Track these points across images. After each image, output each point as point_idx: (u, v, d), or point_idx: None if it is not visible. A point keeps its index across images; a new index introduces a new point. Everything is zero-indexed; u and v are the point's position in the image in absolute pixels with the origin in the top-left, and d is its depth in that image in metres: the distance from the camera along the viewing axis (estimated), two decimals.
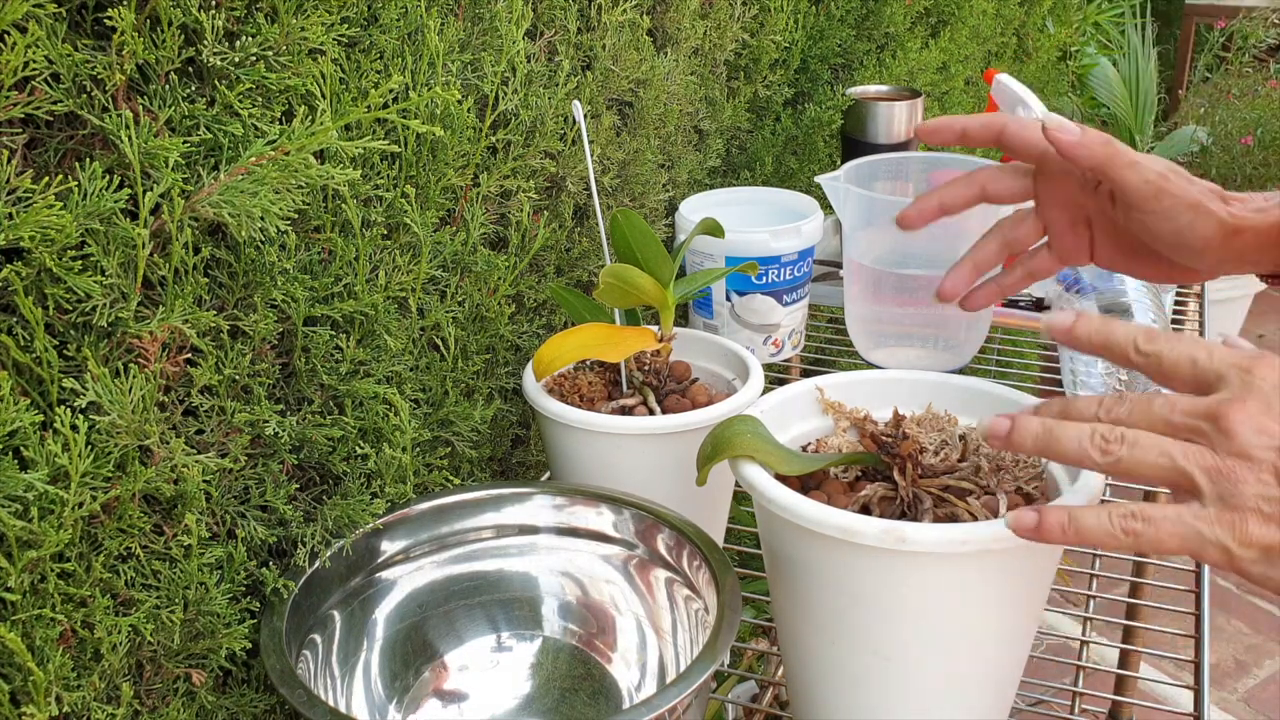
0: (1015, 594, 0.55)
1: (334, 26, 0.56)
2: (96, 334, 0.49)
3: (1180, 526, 0.43)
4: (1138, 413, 0.45)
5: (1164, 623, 0.89)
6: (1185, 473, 0.43)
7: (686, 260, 0.99)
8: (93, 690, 0.50)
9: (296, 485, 0.63)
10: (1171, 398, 0.45)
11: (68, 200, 0.45)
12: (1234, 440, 0.43)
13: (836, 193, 0.92)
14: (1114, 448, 0.44)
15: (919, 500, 0.58)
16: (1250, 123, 2.44)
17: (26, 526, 0.45)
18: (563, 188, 0.88)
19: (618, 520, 0.68)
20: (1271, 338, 2.84)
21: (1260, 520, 0.42)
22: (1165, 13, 3.49)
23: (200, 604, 0.55)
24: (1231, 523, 0.42)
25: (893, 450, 0.59)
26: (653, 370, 0.78)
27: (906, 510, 0.58)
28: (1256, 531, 0.42)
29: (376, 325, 0.66)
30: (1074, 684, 0.73)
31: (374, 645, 0.65)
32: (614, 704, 0.65)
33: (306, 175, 0.53)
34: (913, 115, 1.25)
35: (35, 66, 0.44)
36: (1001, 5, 1.91)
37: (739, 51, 1.14)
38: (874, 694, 0.58)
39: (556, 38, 0.84)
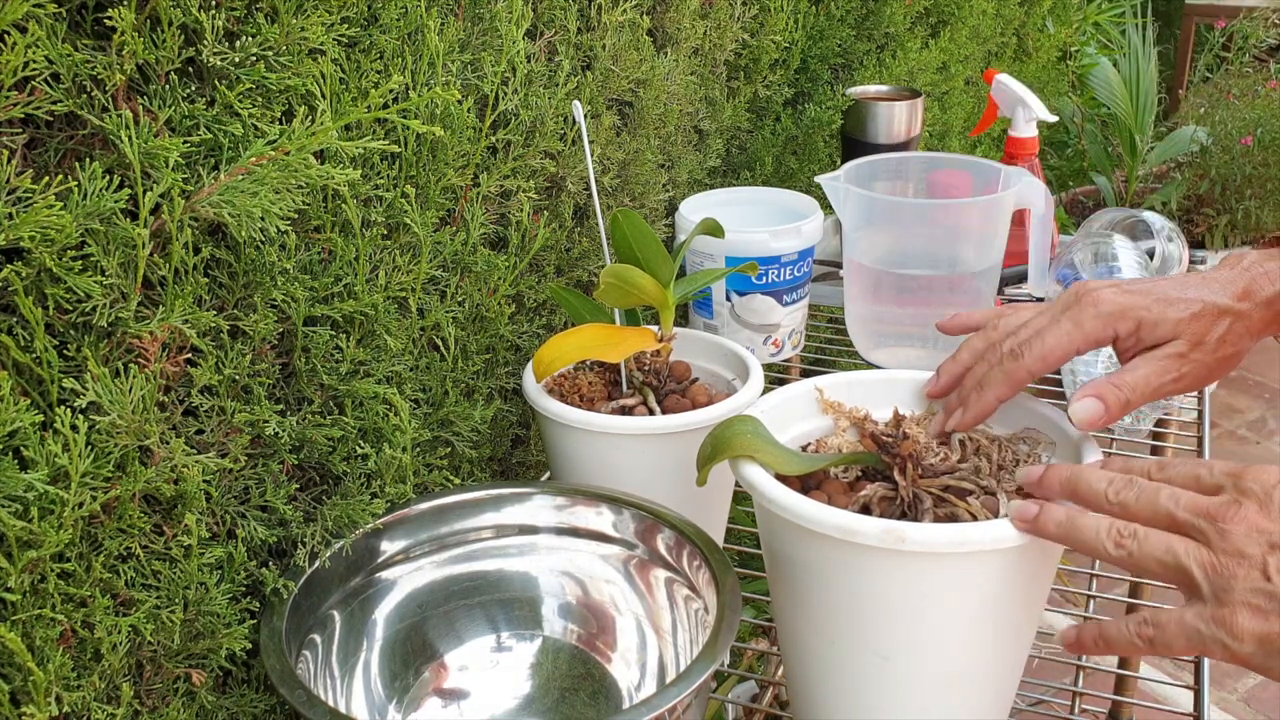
0: (1015, 594, 0.55)
1: (334, 26, 0.56)
2: (96, 334, 0.49)
3: (1183, 628, 0.47)
4: (1144, 501, 0.50)
5: None
6: (1186, 570, 0.47)
7: (686, 260, 0.99)
8: (93, 690, 0.50)
9: (296, 485, 0.63)
10: (1176, 492, 0.49)
11: (68, 200, 0.45)
12: (1229, 539, 0.46)
13: (836, 193, 0.92)
14: (1127, 543, 0.49)
15: (919, 500, 0.58)
16: (1250, 123, 2.44)
17: (26, 526, 0.45)
18: (563, 188, 0.88)
19: (618, 520, 0.68)
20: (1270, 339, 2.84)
21: (1250, 613, 0.45)
22: (1165, 13, 3.49)
23: (200, 604, 0.55)
24: (1224, 619, 0.45)
25: (893, 450, 0.59)
26: (653, 370, 0.78)
27: (907, 510, 0.58)
28: (1247, 624, 0.45)
29: (376, 325, 0.66)
30: (1074, 684, 0.73)
31: (374, 645, 0.65)
32: (614, 704, 0.65)
33: (306, 175, 0.53)
34: (913, 115, 1.25)
35: (35, 66, 0.44)
36: (1001, 5, 1.91)
37: (739, 51, 1.14)
38: (874, 694, 0.58)
39: (556, 38, 0.84)
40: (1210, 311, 0.58)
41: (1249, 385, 2.61)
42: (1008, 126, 1.18)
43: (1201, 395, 1.01)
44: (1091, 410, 0.58)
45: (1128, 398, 0.58)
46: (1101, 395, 0.58)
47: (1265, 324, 0.60)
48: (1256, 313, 0.59)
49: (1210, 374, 0.59)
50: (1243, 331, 0.59)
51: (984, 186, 0.96)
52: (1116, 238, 1.01)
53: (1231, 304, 0.59)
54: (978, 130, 1.34)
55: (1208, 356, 0.59)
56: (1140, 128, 2.51)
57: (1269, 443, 2.38)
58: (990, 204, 0.92)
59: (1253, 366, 2.69)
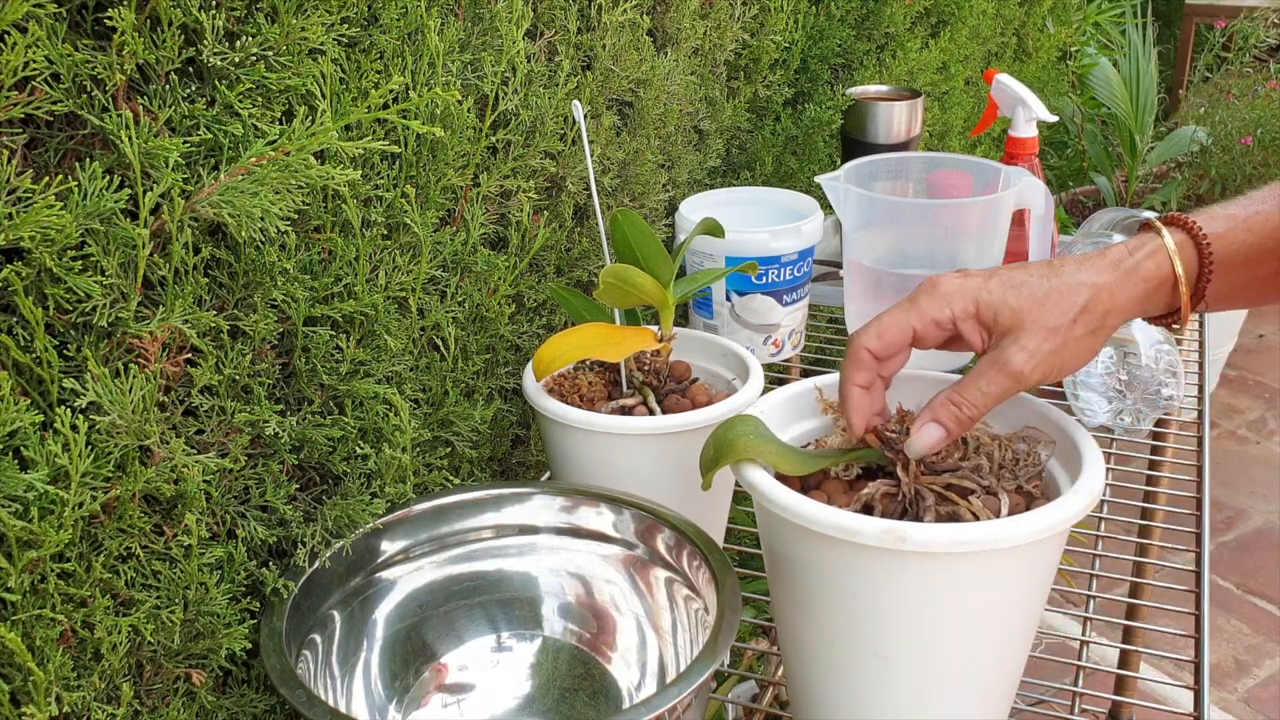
0: (1015, 594, 0.55)
1: (334, 26, 0.56)
2: (96, 334, 0.49)
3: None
4: None
5: (1164, 623, 0.89)
6: None
7: (686, 260, 0.99)
8: (93, 690, 0.50)
9: (296, 485, 0.63)
10: None
11: (68, 200, 0.45)
12: None
13: (836, 193, 0.92)
14: None
15: (921, 498, 0.58)
16: (1250, 123, 2.44)
17: (26, 526, 0.45)
18: (563, 188, 0.88)
19: (618, 520, 0.68)
20: (1272, 338, 2.84)
21: None
22: (1165, 13, 3.49)
23: (200, 604, 0.55)
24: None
25: (896, 446, 0.59)
26: (653, 370, 0.78)
27: (908, 508, 0.58)
28: None
29: (376, 325, 0.66)
30: (1074, 684, 0.73)
31: (374, 645, 0.65)
32: (614, 704, 0.65)
33: (306, 175, 0.53)
34: (913, 115, 1.25)
35: (35, 66, 0.44)
36: (1001, 5, 1.91)
37: (739, 51, 1.14)
38: (874, 694, 0.58)
39: (556, 38, 0.84)
40: (1059, 291, 0.56)
41: (1249, 385, 2.61)
42: (1008, 126, 1.18)
43: (1201, 395, 1.01)
44: (930, 438, 0.57)
45: (969, 415, 0.57)
46: (939, 419, 0.57)
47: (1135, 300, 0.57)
48: (1120, 285, 0.57)
49: (1070, 360, 0.57)
50: (1107, 307, 0.56)
51: (984, 186, 0.96)
52: (1116, 238, 1.01)
53: (1090, 277, 0.56)
54: (978, 130, 1.34)
55: (1059, 343, 0.56)
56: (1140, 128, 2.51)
57: (1269, 443, 2.38)
58: (990, 204, 0.92)
59: (1253, 366, 2.69)
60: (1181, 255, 0.57)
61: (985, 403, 0.57)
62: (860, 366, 0.59)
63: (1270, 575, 1.98)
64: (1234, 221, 0.58)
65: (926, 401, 0.59)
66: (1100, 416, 0.94)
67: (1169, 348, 0.95)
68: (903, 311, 0.58)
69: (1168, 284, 0.58)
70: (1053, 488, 0.60)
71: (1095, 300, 0.56)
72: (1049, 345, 0.56)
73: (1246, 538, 2.09)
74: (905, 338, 0.58)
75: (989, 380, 0.57)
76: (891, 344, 0.58)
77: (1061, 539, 0.56)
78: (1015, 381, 0.56)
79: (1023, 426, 0.63)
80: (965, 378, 0.58)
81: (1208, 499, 0.87)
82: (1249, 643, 1.84)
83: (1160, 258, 0.57)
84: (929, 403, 0.58)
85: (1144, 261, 0.57)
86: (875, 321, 0.59)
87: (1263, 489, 2.22)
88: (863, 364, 0.59)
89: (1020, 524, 0.52)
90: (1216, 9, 3.19)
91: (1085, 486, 0.55)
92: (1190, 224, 0.58)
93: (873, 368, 0.59)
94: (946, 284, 0.58)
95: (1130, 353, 0.96)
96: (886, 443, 0.60)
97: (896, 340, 0.58)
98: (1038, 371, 0.56)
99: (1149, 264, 0.57)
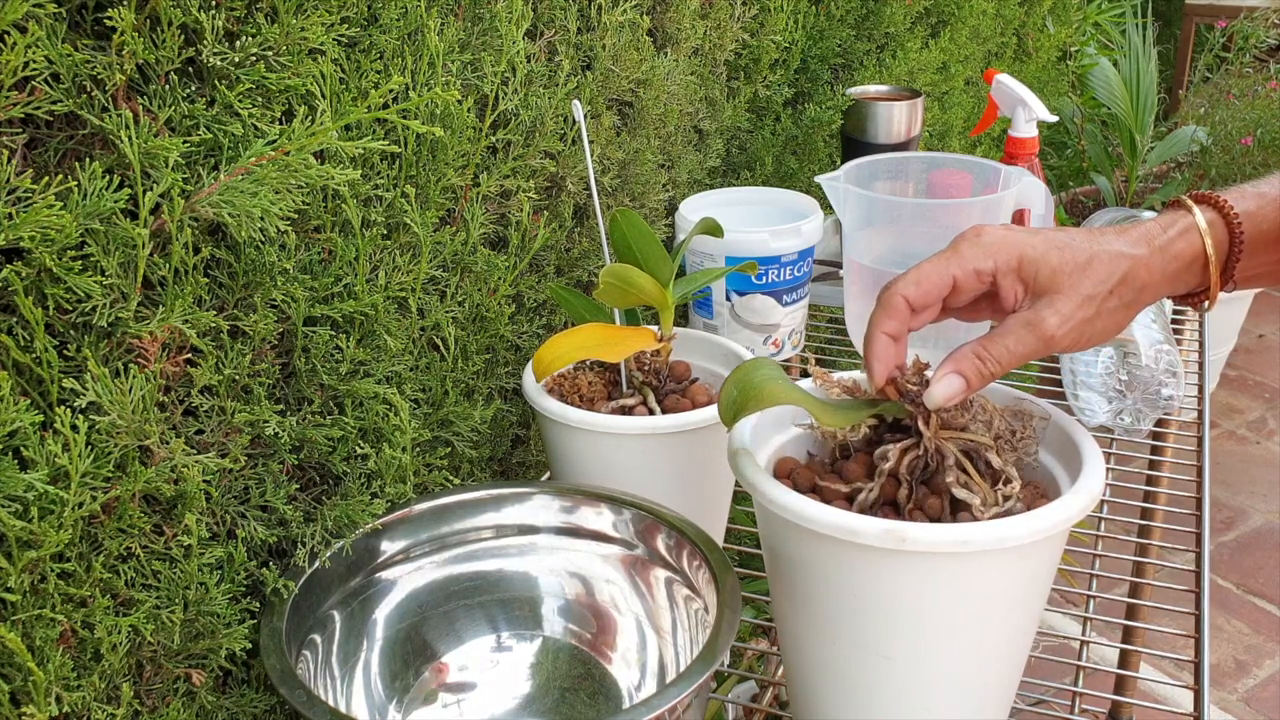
0: (1015, 594, 0.55)
1: (334, 26, 0.56)
2: (96, 334, 0.49)
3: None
4: None
5: (1164, 623, 0.89)
6: None
7: (686, 260, 0.99)
8: (93, 690, 0.50)
9: (296, 485, 0.63)
10: None
11: (68, 200, 0.45)
12: None
13: (836, 193, 0.92)
14: None
15: (943, 455, 0.56)
16: (1250, 123, 2.44)
17: (26, 526, 0.45)
18: (563, 188, 0.88)
19: (618, 520, 0.68)
20: (1271, 338, 2.84)
21: None
22: (1165, 13, 3.49)
23: (200, 604, 0.55)
24: None
25: (915, 399, 0.57)
26: (653, 370, 0.78)
27: (929, 462, 0.57)
28: None
29: (376, 325, 0.66)
30: (1074, 684, 0.73)
31: (374, 645, 0.65)
32: (614, 704, 0.65)
33: (306, 175, 0.53)
34: (913, 115, 1.25)
35: (35, 66, 0.44)
36: (1001, 5, 1.91)
37: (739, 51, 1.14)
38: (874, 694, 0.58)
39: (556, 38, 0.84)
40: (1102, 259, 0.55)
41: (1249, 385, 2.61)
42: (1008, 126, 1.18)
43: (1201, 395, 1.01)
44: (950, 389, 0.55)
45: (991, 370, 0.55)
46: (961, 370, 0.55)
47: (1167, 278, 0.57)
48: (1154, 260, 0.56)
49: (1101, 330, 0.56)
50: (1143, 282, 0.56)
51: (984, 186, 0.96)
52: None
53: (1126, 248, 0.56)
54: (978, 130, 1.34)
55: (1094, 311, 0.55)
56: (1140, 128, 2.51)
57: (1269, 443, 2.38)
58: (990, 204, 0.92)
59: (1253, 366, 2.69)
60: (1212, 234, 0.56)
61: (1010, 360, 0.55)
62: (892, 314, 0.57)
63: (1270, 575, 1.98)
64: (1264, 200, 0.57)
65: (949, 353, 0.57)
66: (1100, 416, 0.94)
67: (1169, 348, 0.95)
68: (944, 260, 0.56)
69: (1198, 262, 0.57)
70: (1053, 488, 0.60)
71: (1133, 273, 0.55)
72: (1083, 313, 0.55)
73: (1246, 538, 2.09)
74: (944, 287, 0.56)
75: (1018, 338, 0.55)
76: (929, 293, 0.56)
77: (1061, 539, 0.56)
78: (1044, 344, 0.55)
79: (1013, 399, 0.63)
80: (992, 332, 0.56)
81: (1208, 499, 0.87)
82: (1249, 643, 1.84)
83: (1192, 236, 0.57)
84: (952, 354, 0.56)
85: (1176, 239, 0.56)
86: (914, 270, 0.56)
87: (1263, 489, 2.22)
88: (896, 312, 0.57)
89: (1020, 524, 0.52)
90: (1216, 9, 3.19)
91: (1085, 486, 0.55)
92: (1221, 202, 0.57)
93: (905, 317, 0.57)
94: (991, 234, 0.56)
95: (1130, 353, 0.96)
96: (905, 395, 0.57)
97: (935, 289, 0.56)
98: (1068, 337, 0.55)
99: (1180, 242, 0.56)
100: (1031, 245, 0.55)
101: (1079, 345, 0.56)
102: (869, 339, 0.58)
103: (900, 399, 0.58)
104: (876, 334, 0.57)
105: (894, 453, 0.57)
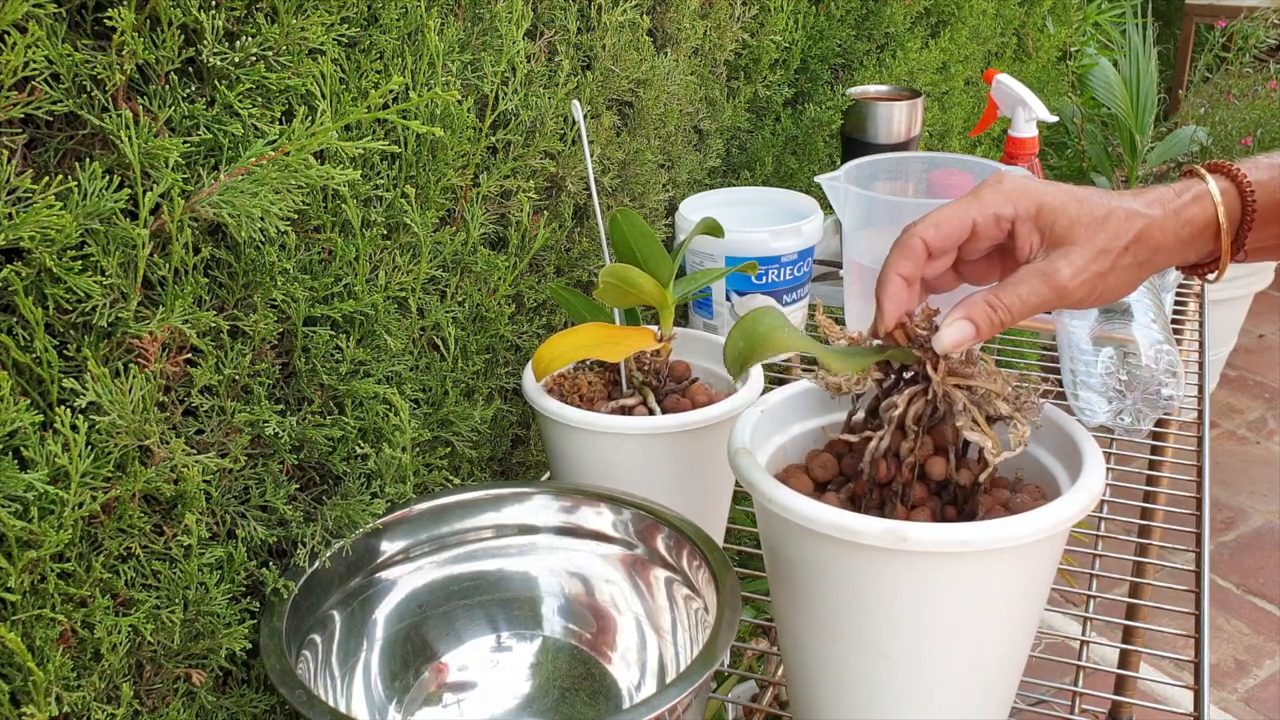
0: (1015, 594, 0.55)
1: (334, 26, 0.56)
2: (96, 334, 0.49)
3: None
4: None
5: (1164, 623, 0.89)
6: None
7: (686, 260, 0.99)
8: (93, 690, 0.50)
9: (296, 485, 0.63)
10: None
11: (68, 200, 0.45)
12: None
13: (836, 193, 0.93)
14: None
15: (951, 401, 0.56)
16: (1250, 123, 2.44)
17: (26, 526, 0.45)
18: (563, 188, 0.88)
19: (617, 520, 0.68)
20: (1271, 338, 2.84)
21: None
22: (1165, 13, 3.48)
23: (200, 604, 0.55)
24: None
25: (924, 344, 0.56)
26: (653, 370, 0.78)
27: (938, 408, 0.56)
28: None
29: (376, 325, 0.66)
30: (1074, 684, 0.73)
31: (374, 645, 0.65)
32: (614, 704, 0.65)
33: (306, 175, 0.53)
34: (913, 115, 1.25)
35: (35, 66, 0.44)
36: (1001, 5, 1.91)
37: (739, 51, 1.14)
38: (874, 694, 0.58)
39: (556, 38, 0.84)
40: (1118, 215, 0.55)
41: (1249, 385, 2.61)
42: (1008, 126, 1.18)
43: (1201, 395, 1.01)
44: (959, 334, 0.55)
45: (1002, 319, 0.55)
46: (972, 317, 0.55)
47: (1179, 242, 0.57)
48: (1168, 222, 0.56)
49: (1114, 287, 0.56)
50: (1157, 243, 0.56)
51: None
52: None
53: (1141, 208, 0.56)
54: (978, 130, 1.34)
55: (1108, 266, 0.55)
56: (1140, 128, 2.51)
57: (1269, 443, 2.38)
58: None
59: (1253, 366, 2.69)
60: (1225, 201, 0.56)
61: (1021, 310, 0.55)
62: (909, 256, 0.56)
63: (1270, 575, 1.98)
64: (1278, 170, 0.57)
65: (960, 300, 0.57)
66: (1100, 416, 0.94)
67: (1169, 348, 0.95)
68: (965, 204, 0.56)
69: (1210, 229, 0.57)
70: (1053, 488, 0.60)
71: (1148, 232, 0.55)
72: (1097, 266, 0.55)
73: (1246, 538, 2.09)
74: (963, 231, 0.56)
75: (1030, 288, 0.55)
76: (948, 236, 0.56)
77: (1061, 539, 0.56)
78: (1057, 295, 0.55)
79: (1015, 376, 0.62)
80: (1005, 281, 0.56)
81: (1208, 499, 0.87)
82: (1249, 643, 1.84)
83: (1205, 202, 0.57)
84: (963, 300, 0.56)
85: (1189, 204, 0.57)
86: (934, 213, 0.56)
87: (1263, 489, 2.22)
88: (913, 253, 0.56)
89: (1020, 524, 0.52)
90: (1216, 9, 3.19)
91: (1085, 486, 0.55)
92: (1235, 171, 0.57)
93: (921, 259, 0.57)
94: (1013, 181, 0.56)
95: (1130, 353, 0.96)
96: (914, 340, 0.57)
97: (954, 233, 0.56)
98: (1081, 290, 0.55)
99: (1194, 208, 0.56)
100: (1051, 195, 0.55)
101: (1090, 300, 0.56)
102: (883, 280, 0.57)
103: (909, 344, 0.57)
104: (891, 275, 0.57)
105: (902, 399, 0.56)
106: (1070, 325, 0.98)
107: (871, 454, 0.57)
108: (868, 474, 0.58)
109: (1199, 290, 1.23)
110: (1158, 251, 0.56)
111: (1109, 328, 0.96)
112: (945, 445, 0.57)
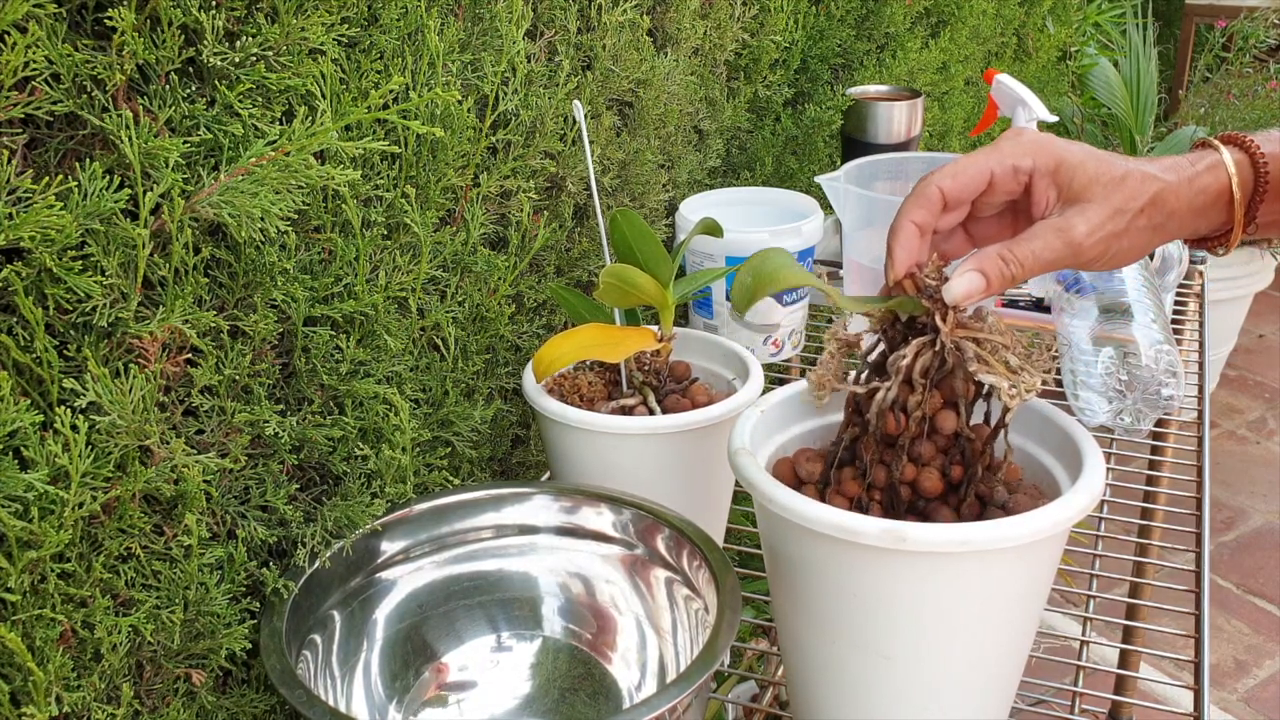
0: (1015, 594, 0.55)
1: (334, 26, 0.56)
2: (96, 334, 0.49)
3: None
4: None
5: (1164, 623, 0.89)
6: None
7: (686, 260, 0.99)
8: (93, 690, 0.50)
9: (296, 485, 0.63)
10: None
11: (68, 200, 0.45)
12: None
13: (836, 193, 0.93)
14: None
15: (961, 351, 0.55)
16: (1250, 123, 2.44)
17: (26, 526, 0.45)
18: (563, 188, 0.88)
19: (617, 520, 0.68)
20: (1271, 337, 2.84)
21: None
22: (1165, 13, 3.48)
23: (200, 604, 0.55)
24: None
25: (933, 295, 0.55)
26: (653, 370, 0.78)
27: (947, 358, 0.55)
28: None
29: (376, 325, 0.66)
30: (1074, 684, 0.73)
31: (374, 645, 0.65)
32: (614, 704, 0.65)
33: (306, 175, 0.53)
34: (913, 115, 1.25)
35: (35, 66, 0.44)
36: (1001, 5, 1.91)
37: (739, 51, 1.14)
38: (874, 694, 0.58)
39: (556, 38, 0.84)
40: (1135, 176, 0.55)
41: (1249, 385, 2.61)
42: (1008, 126, 1.18)
43: (1201, 395, 1.01)
44: (970, 285, 0.54)
45: (1014, 273, 0.54)
46: (984, 269, 0.55)
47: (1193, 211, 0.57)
48: (1182, 189, 0.56)
49: (1128, 248, 0.56)
50: (1171, 208, 0.56)
51: None
52: None
53: (1158, 172, 0.56)
54: (978, 130, 1.34)
55: (1123, 227, 0.55)
56: (1140, 128, 2.51)
57: (1269, 443, 2.38)
58: None
59: (1253, 366, 2.69)
60: (1238, 172, 0.57)
61: (1034, 265, 0.55)
62: (924, 204, 0.56)
63: (1270, 575, 1.98)
64: None
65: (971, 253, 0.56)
66: (1100, 416, 0.94)
67: (1169, 348, 0.95)
68: (984, 154, 0.56)
69: (1223, 199, 0.57)
70: (1053, 488, 0.60)
71: (1163, 196, 0.55)
72: (1113, 225, 0.55)
73: (1246, 538, 2.09)
74: (981, 181, 0.56)
75: (1045, 243, 0.55)
76: (965, 186, 0.56)
77: (1061, 539, 0.56)
78: (1071, 251, 0.55)
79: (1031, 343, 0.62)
80: (1019, 235, 0.55)
81: (1208, 499, 0.87)
82: (1249, 643, 1.84)
83: (1219, 172, 0.57)
84: (975, 253, 0.56)
85: (1203, 173, 0.57)
86: (952, 163, 0.56)
87: (1263, 489, 2.22)
88: (928, 201, 0.56)
89: (1020, 524, 0.52)
90: (1216, 9, 3.19)
91: (1085, 486, 0.55)
92: (1248, 142, 0.57)
93: (937, 208, 0.56)
94: (1032, 134, 0.56)
95: (1130, 353, 0.96)
96: (924, 290, 0.56)
97: (971, 183, 0.56)
98: (1095, 249, 0.55)
99: (1207, 176, 0.57)
100: (1071, 152, 0.55)
101: (1103, 261, 0.56)
102: (896, 227, 0.57)
103: (918, 294, 0.56)
104: (904, 222, 0.56)
105: (910, 350, 0.56)
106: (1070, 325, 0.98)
107: (878, 405, 0.56)
108: (874, 426, 0.57)
109: (1199, 290, 1.23)
110: (1171, 217, 0.56)
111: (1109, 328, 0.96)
112: (955, 399, 0.57)
